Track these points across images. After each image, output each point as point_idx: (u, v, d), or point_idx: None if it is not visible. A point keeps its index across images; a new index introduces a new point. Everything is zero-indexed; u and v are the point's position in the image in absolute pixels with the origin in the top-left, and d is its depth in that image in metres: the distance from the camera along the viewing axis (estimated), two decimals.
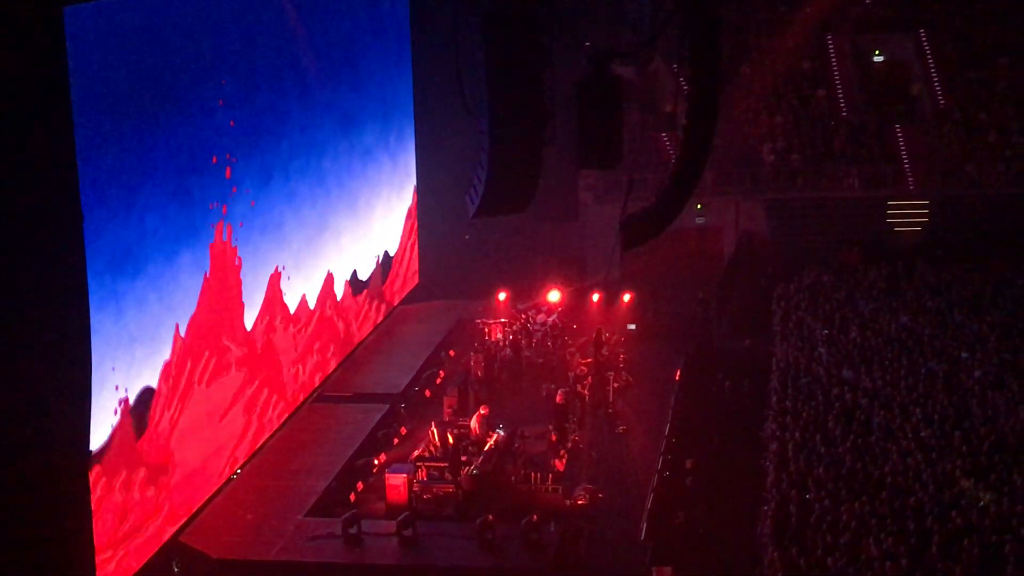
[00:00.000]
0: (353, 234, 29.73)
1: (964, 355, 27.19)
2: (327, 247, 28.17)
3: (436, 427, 24.87)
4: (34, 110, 14.92)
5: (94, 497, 18.02)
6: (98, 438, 18.32)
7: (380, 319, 32.18)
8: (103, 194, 18.31)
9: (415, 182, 33.90)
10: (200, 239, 21.93)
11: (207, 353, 22.23)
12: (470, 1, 11.59)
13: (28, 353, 15.02)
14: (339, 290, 29.06)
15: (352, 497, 23.43)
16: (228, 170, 22.85)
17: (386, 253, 32.18)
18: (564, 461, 24.06)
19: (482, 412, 24.85)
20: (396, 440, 26.00)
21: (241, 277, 23.70)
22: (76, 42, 16.75)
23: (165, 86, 20.13)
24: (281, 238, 25.54)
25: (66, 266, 16.05)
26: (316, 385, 27.79)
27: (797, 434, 23.71)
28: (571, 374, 27.80)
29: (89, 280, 17.33)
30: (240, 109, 23.19)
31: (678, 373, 29.10)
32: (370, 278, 31.10)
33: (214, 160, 22.30)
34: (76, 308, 16.42)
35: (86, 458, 17.26)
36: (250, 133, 23.75)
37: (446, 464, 23.65)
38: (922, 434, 23.22)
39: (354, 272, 30.05)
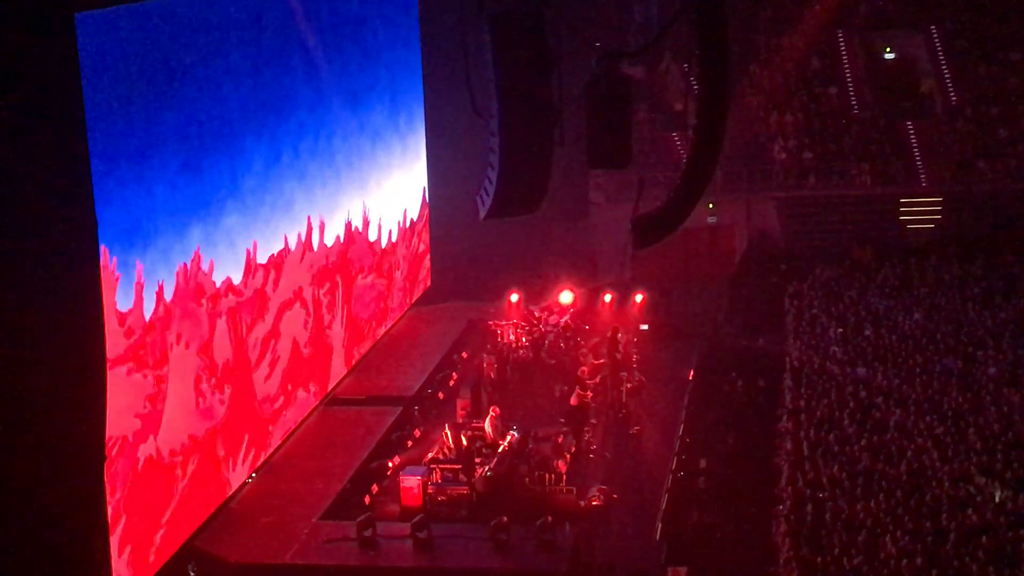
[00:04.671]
0: (367, 211, 29.67)
1: (979, 352, 27.17)
2: (340, 224, 28.11)
3: (450, 429, 24.86)
4: (44, 87, 14.81)
5: (111, 498, 18.07)
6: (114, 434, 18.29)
7: (394, 304, 32.17)
8: (113, 165, 18.27)
9: (426, 173, 33.84)
10: (210, 214, 21.86)
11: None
12: (477, 1, 11.53)
13: (39, 341, 14.84)
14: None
15: (367, 500, 23.42)
16: (237, 146, 22.83)
17: (401, 229, 32.12)
18: (567, 463, 24.01)
19: (493, 414, 24.85)
20: (410, 443, 25.99)
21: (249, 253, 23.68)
22: (85, 18, 16.78)
23: (174, 61, 20.11)
24: (292, 216, 25.50)
25: (77, 242, 15.86)
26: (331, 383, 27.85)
27: (811, 433, 23.69)
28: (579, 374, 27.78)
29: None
30: (248, 85, 23.09)
31: (691, 373, 29.05)
32: (384, 260, 31.09)
33: (223, 135, 22.19)
34: (89, 290, 16.23)
35: (102, 457, 17.22)
36: (259, 109, 23.67)
37: (460, 466, 23.63)
38: (937, 431, 23.20)
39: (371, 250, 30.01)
